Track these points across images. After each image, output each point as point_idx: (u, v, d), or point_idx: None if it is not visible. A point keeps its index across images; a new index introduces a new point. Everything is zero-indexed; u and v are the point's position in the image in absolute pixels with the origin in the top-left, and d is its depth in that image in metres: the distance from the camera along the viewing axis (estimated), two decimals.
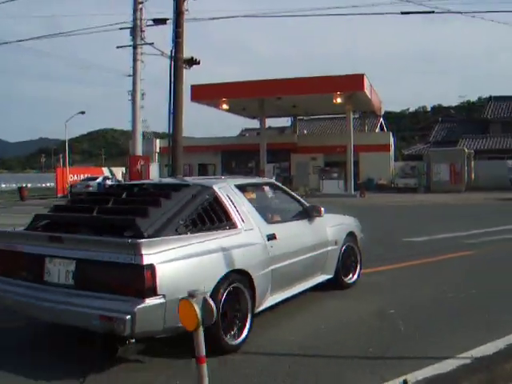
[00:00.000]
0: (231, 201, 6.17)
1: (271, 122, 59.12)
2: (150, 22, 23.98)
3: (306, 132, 58.12)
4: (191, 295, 3.04)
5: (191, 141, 49.22)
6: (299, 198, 7.75)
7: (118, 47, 26.23)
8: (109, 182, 39.04)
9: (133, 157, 26.85)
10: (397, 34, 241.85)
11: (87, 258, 5.02)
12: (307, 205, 7.62)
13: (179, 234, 5.33)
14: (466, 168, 43.19)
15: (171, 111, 17.92)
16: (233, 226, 5.96)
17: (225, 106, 40.44)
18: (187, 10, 18.04)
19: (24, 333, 6.21)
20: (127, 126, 24.61)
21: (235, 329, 5.51)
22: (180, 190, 6.01)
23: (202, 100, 39.79)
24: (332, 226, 7.92)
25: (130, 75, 26.15)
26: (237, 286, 5.56)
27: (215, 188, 6.16)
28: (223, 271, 5.40)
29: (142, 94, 26.56)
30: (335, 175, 39.60)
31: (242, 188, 6.68)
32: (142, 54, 25.48)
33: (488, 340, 5.50)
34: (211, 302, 3.08)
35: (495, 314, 6.65)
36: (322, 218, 7.59)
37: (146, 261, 4.68)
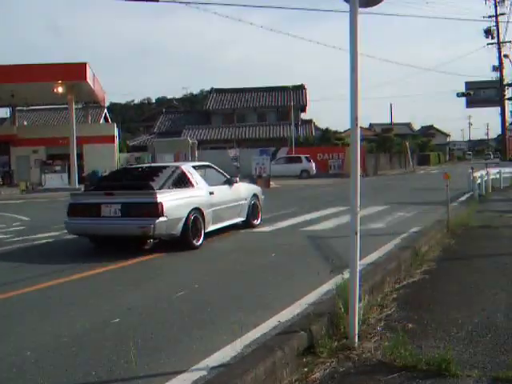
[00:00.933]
0: (190, 173, 11.39)
1: None
2: None
3: (26, 123, 54.58)
4: None
5: None
6: (224, 172, 13.16)
7: None
8: None
9: None
10: (124, 23, 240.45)
11: (128, 202, 9.96)
12: (229, 176, 12.99)
13: (169, 189, 10.46)
14: (191, 157, 44.00)
15: None
16: (192, 186, 11.18)
17: None
18: None
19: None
20: None
21: (196, 237, 10.56)
22: (165, 168, 11.30)
23: None
24: (244, 189, 13.46)
25: None
26: (196, 215, 10.61)
27: (182, 167, 11.49)
28: (190, 207, 10.49)
29: None
30: (58, 168, 37.50)
31: (194, 167, 12.03)
32: None
33: (225, 343, 4.96)
34: None
35: (232, 312, 6.17)
36: (237, 184, 13.05)
37: (159, 200, 9.70)
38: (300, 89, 61.12)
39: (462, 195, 21.25)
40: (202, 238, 10.72)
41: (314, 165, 45.74)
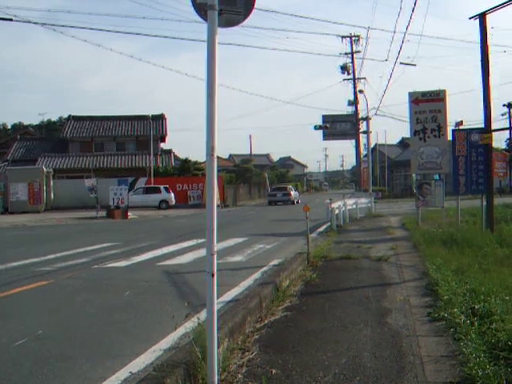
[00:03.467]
0: (292, 187, 59.23)
1: None
2: None
3: None
4: None
5: None
6: (296, 190, 65.76)
7: None
8: None
9: None
10: None
11: (283, 193, 54.33)
12: (295, 189, 61.54)
13: (290, 191, 55.64)
14: (45, 187, 42.21)
15: None
16: (293, 191, 56.59)
17: None
18: None
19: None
20: None
21: (295, 203, 54.22)
22: (287, 187, 58.18)
23: None
24: (296, 192, 59.69)
25: None
26: (296, 198, 55.51)
27: (289, 186, 59.13)
28: (294, 195, 55.50)
29: None
30: None
31: (292, 186, 62.54)
32: None
33: None
34: None
35: (78, 363, 5.46)
36: (296, 192, 60.47)
37: (291, 193, 54.64)
38: (160, 118, 60.36)
39: (321, 226, 21.57)
40: (295, 203, 52.36)
41: (173, 195, 45.25)
